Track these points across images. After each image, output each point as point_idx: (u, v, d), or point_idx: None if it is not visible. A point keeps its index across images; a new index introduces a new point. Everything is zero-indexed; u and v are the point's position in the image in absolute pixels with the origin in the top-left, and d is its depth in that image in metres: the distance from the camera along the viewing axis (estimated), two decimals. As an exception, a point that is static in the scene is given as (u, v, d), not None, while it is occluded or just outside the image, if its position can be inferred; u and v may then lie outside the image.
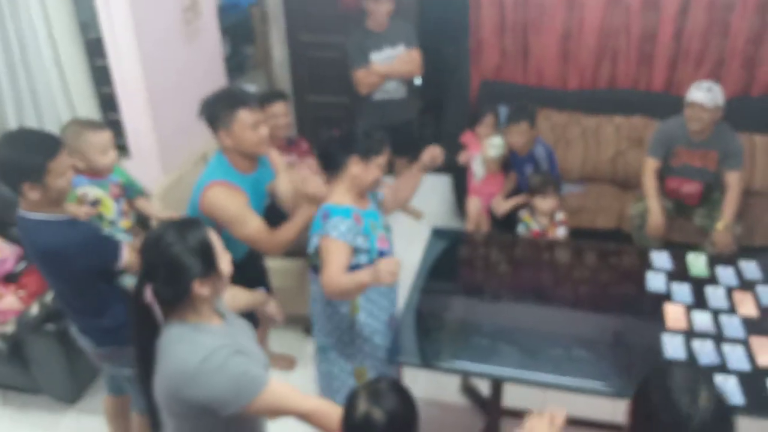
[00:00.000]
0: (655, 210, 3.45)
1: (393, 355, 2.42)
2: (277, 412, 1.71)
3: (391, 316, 2.50)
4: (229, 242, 2.59)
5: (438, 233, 3.11)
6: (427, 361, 2.41)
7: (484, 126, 3.80)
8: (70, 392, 3.16)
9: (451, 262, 3.04)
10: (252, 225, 2.49)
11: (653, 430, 1.37)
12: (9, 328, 3.05)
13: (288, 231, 2.53)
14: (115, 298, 2.32)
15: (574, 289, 2.85)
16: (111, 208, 2.61)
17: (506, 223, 3.65)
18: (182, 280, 1.61)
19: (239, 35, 6.17)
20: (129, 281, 2.39)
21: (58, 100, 3.37)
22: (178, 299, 1.64)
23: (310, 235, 2.33)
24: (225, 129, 2.44)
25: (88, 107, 3.37)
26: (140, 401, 2.50)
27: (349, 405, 1.56)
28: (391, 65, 3.93)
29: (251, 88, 4.89)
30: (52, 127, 3.49)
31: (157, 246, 1.62)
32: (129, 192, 2.77)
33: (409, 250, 3.68)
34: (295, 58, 4.87)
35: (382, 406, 1.51)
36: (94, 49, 3.31)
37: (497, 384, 2.54)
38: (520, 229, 3.45)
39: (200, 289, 1.63)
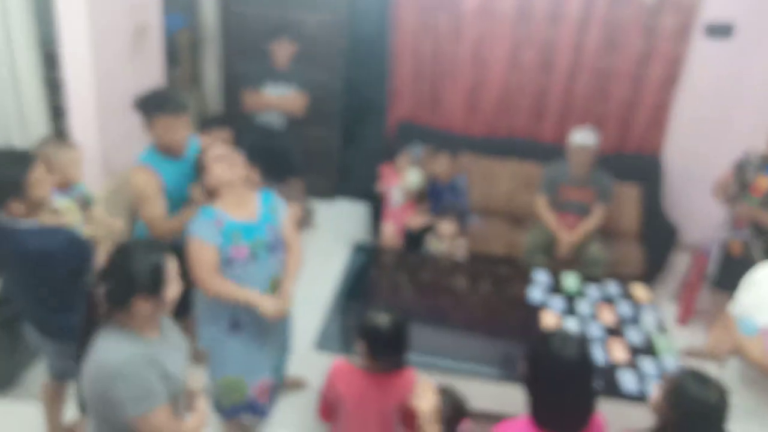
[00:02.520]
0: (563, 236, 4.09)
1: (321, 345, 2.81)
2: None
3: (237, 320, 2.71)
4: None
5: (358, 247, 3.56)
6: (348, 348, 2.81)
7: (402, 159, 4.31)
8: (4, 379, 3.29)
9: (369, 271, 3.49)
10: (150, 211, 2.86)
11: (538, 375, 1.86)
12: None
13: (175, 223, 2.84)
14: (83, 297, 2.55)
15: (470, 296, 3.36)
16: (77, 217, 2.85)
17: (415, 245, 4.15)
18: (128, 292, 1.83)
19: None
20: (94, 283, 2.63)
21: (9, 106, 3.56)
22: (120, 306, 1.85)
23: None
24: (148, 123, 2.88)
25: (37, 114, 3.57)
26: None
27: (368, 320, 2.21)
28: (279, 98, 4.42)
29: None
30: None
31: (121, 256, 1.86)
32: (87, 203, 3.03)
33: (328, 262, 4.11)
34: (229, 82, 5.23)
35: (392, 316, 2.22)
36: (49, 62, 3.55)
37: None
38: (424, 249, 3.96)
39: (142, 305, 1.84)
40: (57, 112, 3.68)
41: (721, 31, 4.51)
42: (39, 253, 2.33)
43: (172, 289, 1.90)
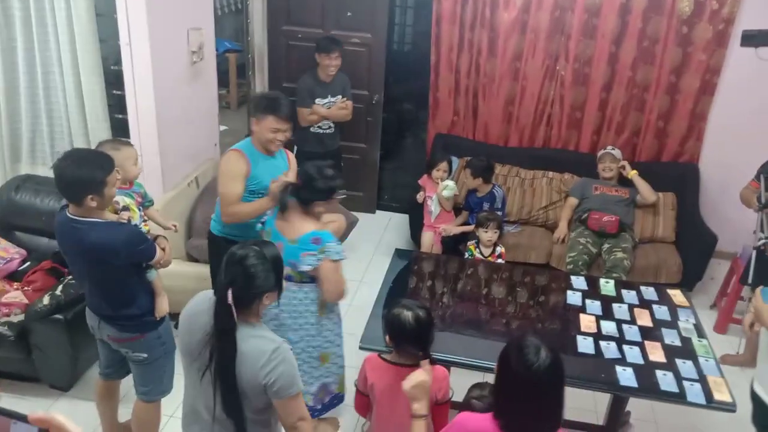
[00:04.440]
0: (562, 226, 4.60)
1: (364, 345, 2.95)
2: (298, 413, 2.07)
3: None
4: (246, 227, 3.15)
5: (399, 253, 3.71)
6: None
7: (438, 171, 4.45)
8: (67, 379, 3.50)
9: (410, 274, 3.63)
10: (227, 188, 3.15)
11: (510, 380, 1.83)
12: (16, 318, 3.41)
13: (244, 208, 3.12)
14: (143, 289, 2.74)
15: (511, 300, 3.45)
16: (137, 214, 3.05)
17: (456, 252, 4.27)
18: (257, 291, 2.01)
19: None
20: (152, 275, 2.80)
21: (74, 122, 3.84)
22: (248, 305, 2.02)
23: (300, 252, 2.75)
24: (256, 119, 3.18)
25: (101, 130, 3.84)
26: (141, 387, 2.89)
27: (392, 312, 2.33)
28: (331, 110, 4.75)
29: (221, 127, 5.38)
30: (61, 143, 3.96)
31: (242, 262, 2.00)
32: (144, 202, 3.24)
33: (371, 272, 4.27)
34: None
35: (415, 311, 2.32)
36: (112, 80, 3.82)
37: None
38: (466, 256, 4.08)
39: (267, 300, 2.05)
40: (121, 127, 3.93)
41: (759, 39, 4.52)
42: (101, 244, 2.50)
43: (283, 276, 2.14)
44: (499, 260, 4.02)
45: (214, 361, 2.01)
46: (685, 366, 2.89)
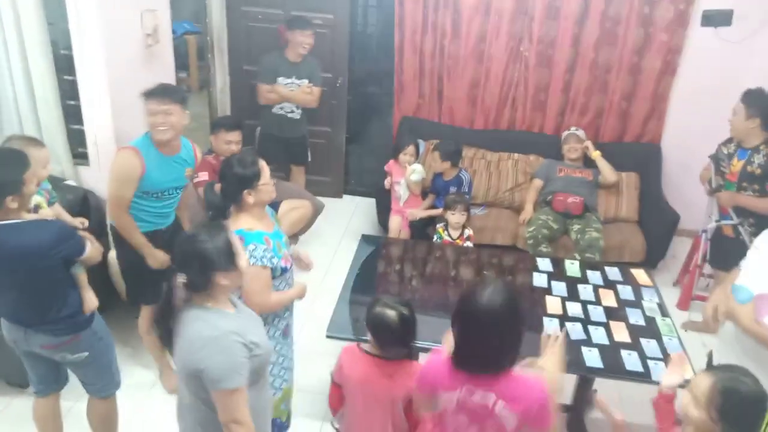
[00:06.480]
0: (527, 208, 4.62)
1: (331, 333, 2.91)
2: (232, 414, 1.96)
3: (287, 326, 2.77)
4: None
5: (366, 238, 3.67)
6: (358, 335, 2.89)
7: (405, 155, 4.41)
8: (25, 376, 3.34)
9: (377, 261, 3.60)
10: (117, 191, 2.97)
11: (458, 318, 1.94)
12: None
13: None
14: (71, 286, 2.58)
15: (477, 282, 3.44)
16: (49, 213, 2.90)
17: (423, 236, 4.25)
18: (209, 271, 1.96)
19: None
20: (78, 269, 2.62)
21: (23, 109, 3.67)
22: (203, 287, 1.98)
23: None
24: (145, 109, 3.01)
25: (52, 117, 3.68)
26: (93, 385, 2.78)
27: (375, 312, 2.28)
28: (293, 92, 4.59)
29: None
30: (10, 131, 3.79)
31: (192, 243, 1.97)
32: (51, 199, 3.07)
33: (338, 257, 4.22)
34: (235, 85, 5.36)
35: (398, 310, 2.26)
36: (63, 65, 3.66)
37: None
38: (435, 239, 4.06)
39: (222, 280, 1.98)
40: (74, 113, 3.78)
41: (720, 18, 4.54)
42: (29, 246, 2.36)
43: (243, 259, 2.07)
44: (468, 243, 4.01)
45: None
46: (649, 345, 2.92)
